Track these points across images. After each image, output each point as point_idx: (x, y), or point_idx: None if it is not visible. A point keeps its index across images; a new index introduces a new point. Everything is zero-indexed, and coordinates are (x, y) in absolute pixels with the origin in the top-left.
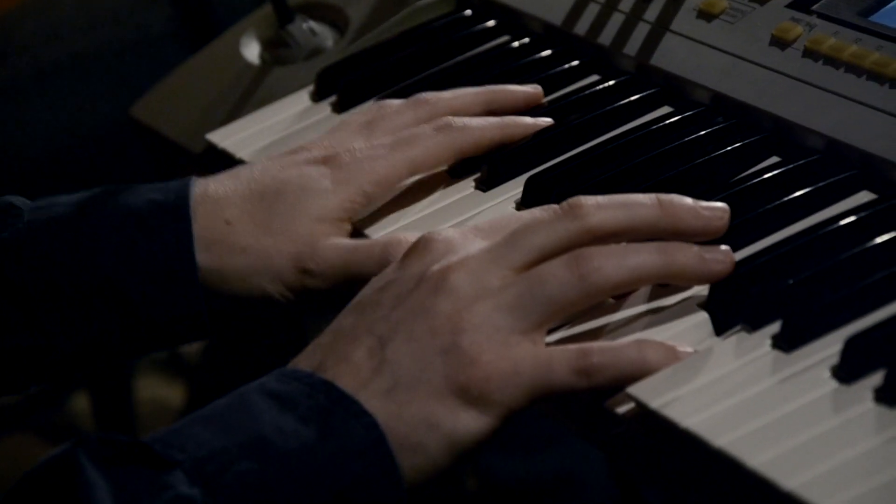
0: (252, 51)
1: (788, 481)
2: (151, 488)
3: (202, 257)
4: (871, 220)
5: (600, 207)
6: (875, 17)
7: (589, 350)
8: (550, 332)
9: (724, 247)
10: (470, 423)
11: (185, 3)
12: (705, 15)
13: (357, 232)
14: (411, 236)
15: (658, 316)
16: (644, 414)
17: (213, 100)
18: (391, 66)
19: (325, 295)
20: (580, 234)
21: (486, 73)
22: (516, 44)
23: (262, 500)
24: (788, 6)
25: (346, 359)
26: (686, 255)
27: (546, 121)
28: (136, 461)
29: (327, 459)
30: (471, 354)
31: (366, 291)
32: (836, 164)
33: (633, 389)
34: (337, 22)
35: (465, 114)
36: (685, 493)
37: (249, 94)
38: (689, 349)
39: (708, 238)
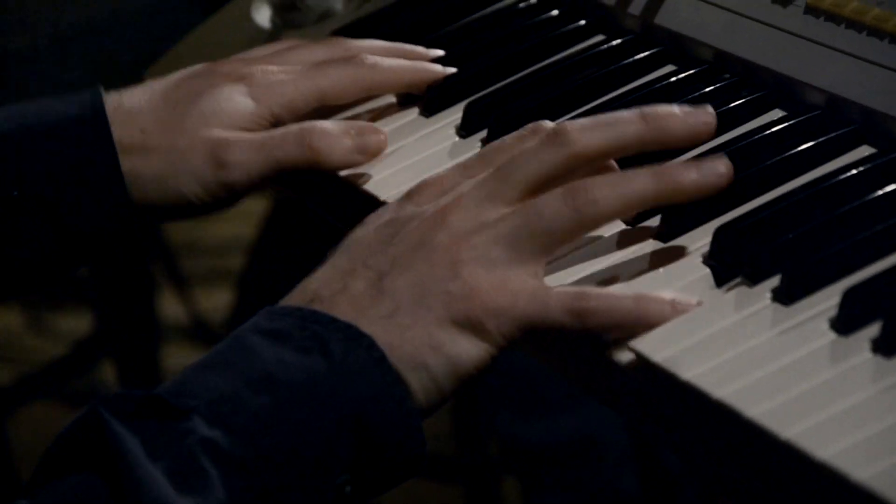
0: (263, 15)
1: (786, 430)
2: (175, 436)
3: (124, 166)
4: (871, 174)
5: (585, 130)
6: None
7: (587, 294)
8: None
9: (720, 156)
10: (470, 349)
11: None
12: None
13: None
14: (327, 124)
15: (660, 271)
16: (646, 367)
17: None
18: (398, 29)
19: (243, 191)
20: (568, 159)
21: (491, 35)
22: (522, 5)
23: (281, 434)
24: None
25: (342, 290)
26: (681, 174)
27: (452, 71)
28: (154, 414)
29: (334, 384)
30: (470, 284)
31: (358, 232)
32: (836, 120)
33: (636, 343)
34: None
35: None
36: (687, 444)
37: None
38: (693, 301)
39: (698, 143)
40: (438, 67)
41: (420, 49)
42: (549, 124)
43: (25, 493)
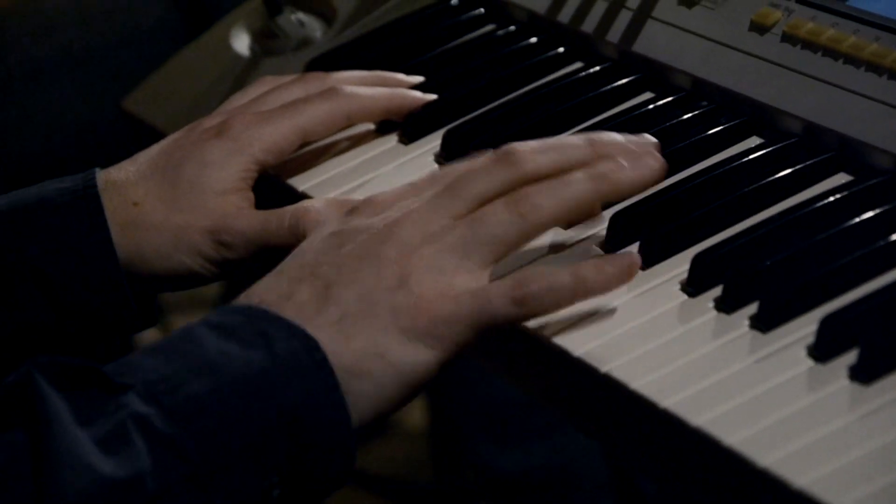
0: (242, 42)
1: (764, 458)
2: (107, 407)
3: (117, 240)
4: (848, 201)
5: (535, 152)
6: (852, 2)
7: (525, 279)
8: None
9: (650, 150)
10: (418, 355)
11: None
12: (686, 2)
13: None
14: (317, 203)
15: (638, 297)
16: (625, 394)
17: (203, 91)
18: (377, 56)
19: (246, 264)
20: (516, 180)
21: (470, 62)
22: (501, 32)
23: (214, 420)
24: None
25: (288, 297)
26: (616, 173)
27: (431, 97)
28: (88, 384)
29: (273, 380)
30: (417, 293)
31: (306, 243)
32: (813, 147)
33: (614, 369)
34: (325, 13)
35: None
36: (664, 472)
37: (240, 85)
38: (632, 256)
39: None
40: (417, 94)
41: (399, 76)
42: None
43: None
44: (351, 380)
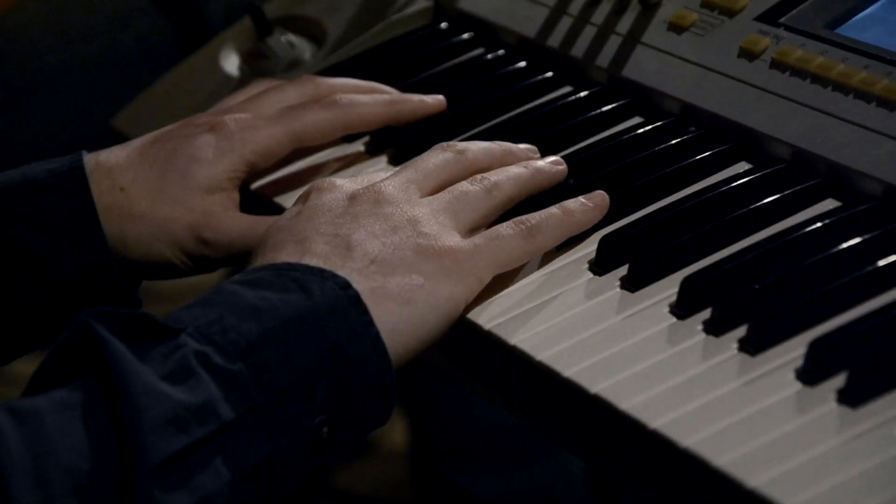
0: (232, 63)
1: (753, 479)
2: (166, 349)
3: (104, 221)
4: (836, 227)
5: (477, 151)
6: (841, 30)
7: (523, 217)
8: None
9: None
10: (450, 288)
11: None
12: (676, 27)
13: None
14: None
15: (626, 320)
16: (613, 414)
17: (193, 111)
18: (367, 78)
19: (223, 262)
20: (466, 167)
21: (460, 85)
22: (490, 56)
23: (264, 357)
24: (756, 19)
25: (308, 252)
26: (545, 171)
27: (436, 98)
28: (144, 333)
29: (313, 318)
30: (434, 235)
31: (280, 221)
32: (802, 173)
33: (603, 391)
34: (315, 34)
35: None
36: (657, 497)
37: None
38: (601, 196)
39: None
40: (415, 97)
41: (392, 90)
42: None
43: (19, 402)
44: (400, 307)
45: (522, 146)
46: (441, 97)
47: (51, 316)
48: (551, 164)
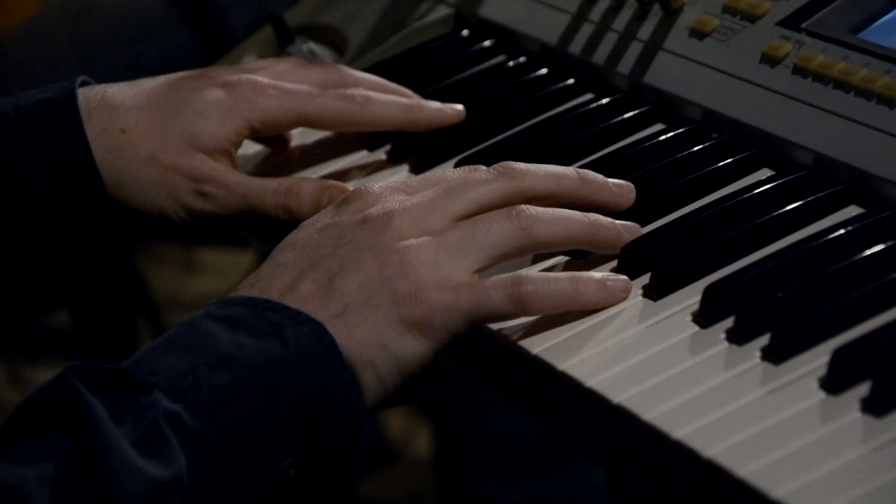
0: None
1: (777, 490)
2: (139, 407)
3: (100, 158)
4: (859, 234)
5: (531, 172)
6: (863, 35)
7: (523, 278)
8: None
9: (629, 185)
10: (416, 345)
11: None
12: (697, 33)
13: None
14: (308, 184)
15: (649, 329)
16: (636, 425)
17: None
18: None
19: (220, 221)
20: (514, 193)
21: (482, 92)
22: (512, 63)
23: (236, 411)
24: (778, 24)
25: (291, 289)
26: (608, 229)
27: (455, 108)
28: (119, 387)
29: (288, 367)
30: (416, 284)
31: (300, 233)
32: (824, 179)
33: (626, 401)
34: (336, 43)
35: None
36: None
37: None
38: (623, 279)
39: (619, 209)
40: (434, 105)
41: (415, 96)
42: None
43: None
44: (356, 370)
45: (614, 181)
46: (460, 108)
47: (47, 250)
48: (624, 227)
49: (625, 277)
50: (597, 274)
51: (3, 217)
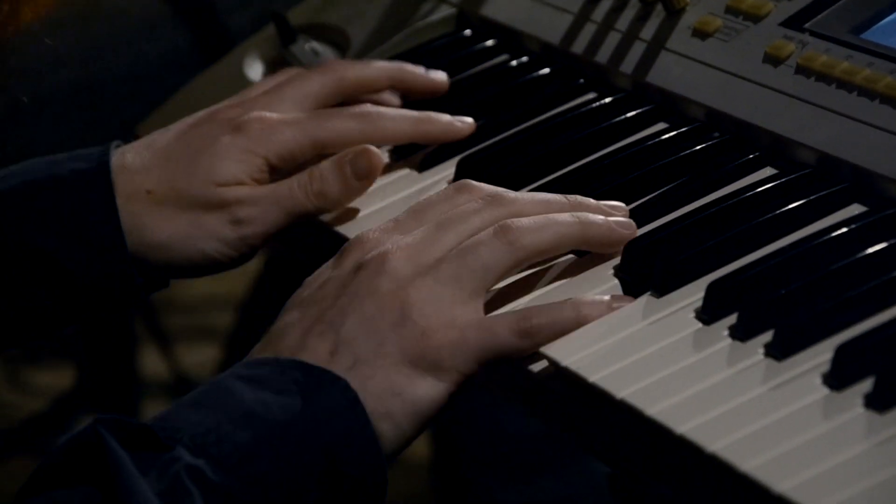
0: (255, 71)
1: (780, 484)
2: (163, 463)
3: (129, 228)
4: (862, 232)
5: (519, 199)
6: (866, 35)
7: (528, 313)
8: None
9: (622, 206)
10: (429, 389)
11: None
12: (700, 33)
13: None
14: (323, 162)
15: (653, 325)
16: (639, 419)
17: None
18: None
19: (262, 243)
20: (505, 218)
21: (485, 92)
22: (514, 63)
23: (259, 466)
24: (781, 24)
25: (301, 347)
26: (599, 225)
27: (465, 121)
28: (144, 443)
29: (311, 424)
30: (421, 325)
31: (304, 291)
32: (827, 178)
33: (629, 396)
34: (339, 42)
35: (370, 86)
36: (677, 499)
37: None
38: (627, 298)
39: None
40: (444, 118)
41: (420, 71)
42: (472, 183)
43: (17, 498)
44: (374, 422)
45: (607, 203)
46: (471, 120)
47: (65, 315)
48: (615, 222)
49: (629, 298)
50: (600, 297)
51: (23, 278)
